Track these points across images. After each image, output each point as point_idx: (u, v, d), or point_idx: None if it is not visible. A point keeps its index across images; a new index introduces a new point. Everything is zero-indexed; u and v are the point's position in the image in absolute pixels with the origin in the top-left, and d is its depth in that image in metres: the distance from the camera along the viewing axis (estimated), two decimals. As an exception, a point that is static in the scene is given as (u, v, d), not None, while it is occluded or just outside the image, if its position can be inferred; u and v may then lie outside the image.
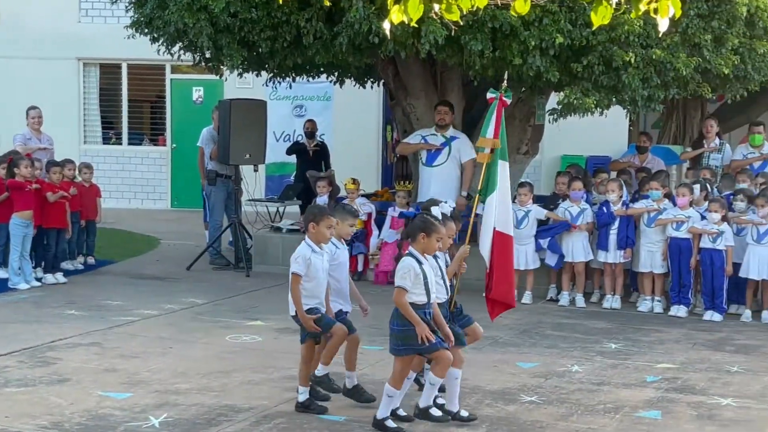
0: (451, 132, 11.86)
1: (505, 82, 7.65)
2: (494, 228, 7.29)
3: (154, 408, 6.74)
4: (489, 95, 7.54)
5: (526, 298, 11.00)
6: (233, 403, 6.90)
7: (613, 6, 4.13)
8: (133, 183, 19.97)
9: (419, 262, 6.36)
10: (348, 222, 7.08)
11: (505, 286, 7.36)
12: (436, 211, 6.74)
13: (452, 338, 6.45)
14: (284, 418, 6.61)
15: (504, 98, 7.48)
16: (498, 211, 7.33)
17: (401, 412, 6.60)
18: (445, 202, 7.17)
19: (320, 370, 6.93)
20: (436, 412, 6.61)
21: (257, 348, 8.64)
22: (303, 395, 6.80)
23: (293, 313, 6.77)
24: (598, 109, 10.68)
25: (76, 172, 12.55)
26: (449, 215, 6.86)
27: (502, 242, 7.33)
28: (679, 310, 10.54)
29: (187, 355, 8.29)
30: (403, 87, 12.61)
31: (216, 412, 6.71)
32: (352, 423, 6.57)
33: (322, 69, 13.23)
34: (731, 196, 11.08)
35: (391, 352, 6.47)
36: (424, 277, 6.33)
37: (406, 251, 6.50)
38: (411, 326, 6.27)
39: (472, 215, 7.73)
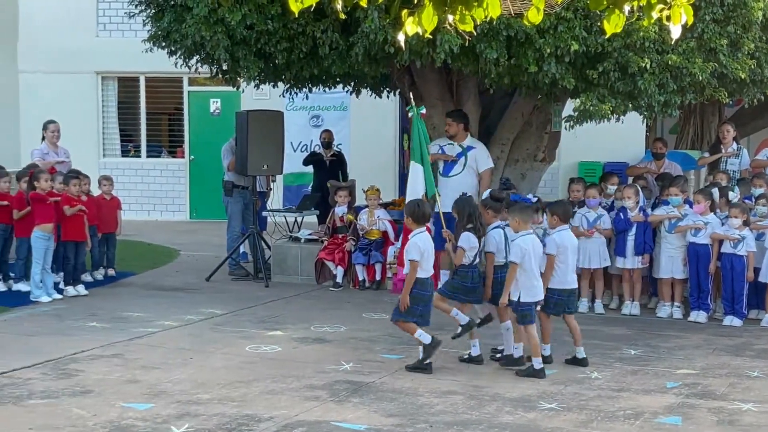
0: (468, 141, 11.82)
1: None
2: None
3: (175, 419, 6.78)
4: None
5: None
6: (254, 413, 6.93)
7: (626, 14, 4.15)
8: (152, 195, 20.05)
9: None
10: None
11: None
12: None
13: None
14: (305, 427, 6.62)
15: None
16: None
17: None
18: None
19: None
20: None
21: (277, 358, 8.67)
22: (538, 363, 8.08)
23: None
24: (615, 115, 10.67)
25: (91, 185, 12.58)
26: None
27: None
28: (699, 316, 10.49)
29: (208, 366, 8.33)
30: (419, 96, 12.62)
31: (237, 421, 6.74)
32: (371, 431, 6.61)
33: (338, 79, 13.27)
34: (748, 201, 11.04)
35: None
36: None
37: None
38: None
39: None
